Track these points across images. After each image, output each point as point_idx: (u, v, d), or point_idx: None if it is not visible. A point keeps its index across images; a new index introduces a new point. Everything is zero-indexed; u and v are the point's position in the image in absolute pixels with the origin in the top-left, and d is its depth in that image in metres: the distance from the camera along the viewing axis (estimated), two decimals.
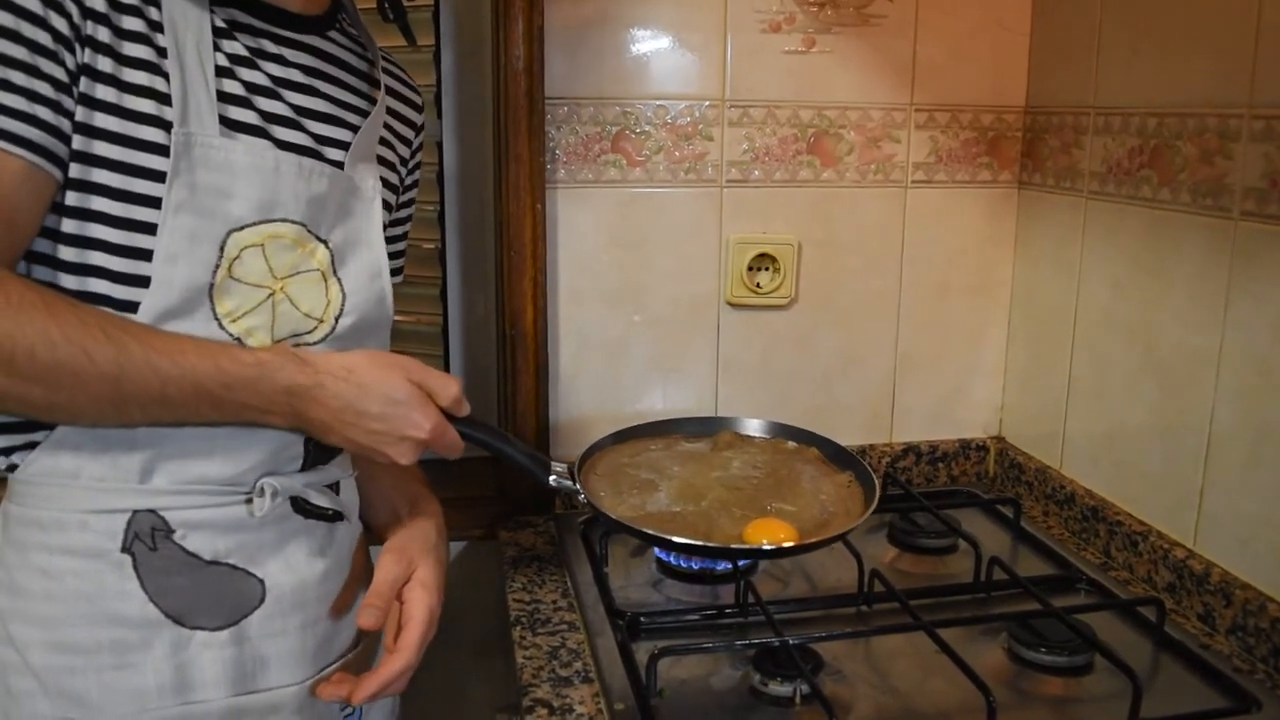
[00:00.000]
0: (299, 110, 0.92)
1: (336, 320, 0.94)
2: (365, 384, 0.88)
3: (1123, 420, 1.36)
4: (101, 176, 0.81)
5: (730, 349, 1.55)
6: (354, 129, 0.97)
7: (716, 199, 1.50)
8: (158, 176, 0.82)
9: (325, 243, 0.92)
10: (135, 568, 0.87)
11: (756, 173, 1.50)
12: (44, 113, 0.77)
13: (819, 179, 1.52)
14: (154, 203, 0.82)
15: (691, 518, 1.17)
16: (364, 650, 1.04)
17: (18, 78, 0.75)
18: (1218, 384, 1.18)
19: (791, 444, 1.31)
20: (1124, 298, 1.34)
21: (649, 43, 1.44)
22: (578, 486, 1.14)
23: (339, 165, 0.94)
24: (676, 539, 1.12)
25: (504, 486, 1.51)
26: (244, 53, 0.89)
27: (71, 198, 0.81)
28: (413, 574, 1.00)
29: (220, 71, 0.87)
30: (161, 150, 0.82)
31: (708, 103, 1.47)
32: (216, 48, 0.87)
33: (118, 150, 0.81)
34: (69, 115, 0.78)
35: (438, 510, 1.10)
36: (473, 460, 1.64)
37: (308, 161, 0.90)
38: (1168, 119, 1.25)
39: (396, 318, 1.63)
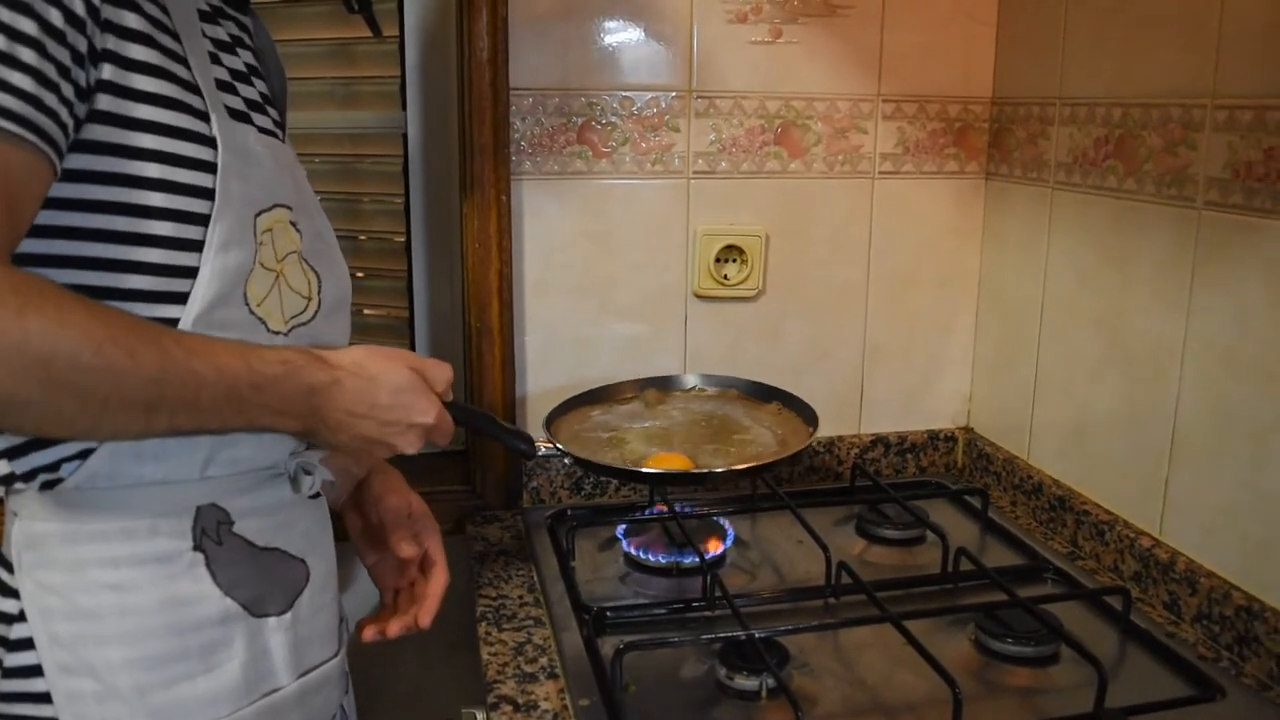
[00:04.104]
0: (262, 95, 0.92)
1: (319, 295, 0.93)
2: (374, 375, 0.87)
3: (1089, 410, 1.36)
4: (151, 170, 0.77)
5: (698, 341, 1.54)
6: (277, 104, 0.97)
7: (683, 190, 1.49)
8: (202, 166, 0.80)
9: (294, 224, 0.91)
10: (208, 565, 0.85)
11: (723, 164, 1.49)
12: (49, 98, 0.70)
13: (786, 170, 1.51)
14: (200, 193, 0.79)
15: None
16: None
17: (27, 55, 0.68)
18: (1182, 373, 1.19)
19: (710, 389, 1.37)
20: (1090, 288, 1.35)
21: (615, 33, 1.43)
22: (566, 449, 1.18)
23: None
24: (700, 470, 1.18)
25: (471, 481, 1.50)
26: (225, 38, 0.88)
27: (118, 193, 0.76)
28: (412, 505, 1.10)
29: (210, 58, 0.85)
30: (200, 139, 0.80)
31: (674, 93, 1.46)
32: (203, 33, 0.85)
33: (164, 141, 0.78)
34: (68, 104, 0.72)
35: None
36: (440, 455, 1.63)
37: (279, 145, 0.90)
38: (1132, 109, 1.26)
39: (365, 311, 1.63)
